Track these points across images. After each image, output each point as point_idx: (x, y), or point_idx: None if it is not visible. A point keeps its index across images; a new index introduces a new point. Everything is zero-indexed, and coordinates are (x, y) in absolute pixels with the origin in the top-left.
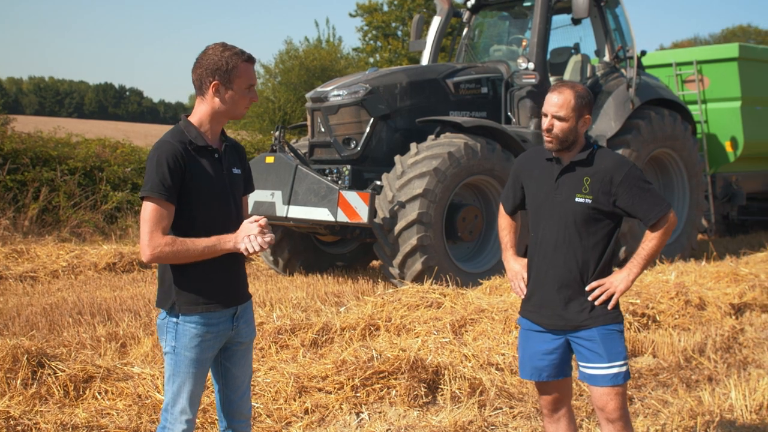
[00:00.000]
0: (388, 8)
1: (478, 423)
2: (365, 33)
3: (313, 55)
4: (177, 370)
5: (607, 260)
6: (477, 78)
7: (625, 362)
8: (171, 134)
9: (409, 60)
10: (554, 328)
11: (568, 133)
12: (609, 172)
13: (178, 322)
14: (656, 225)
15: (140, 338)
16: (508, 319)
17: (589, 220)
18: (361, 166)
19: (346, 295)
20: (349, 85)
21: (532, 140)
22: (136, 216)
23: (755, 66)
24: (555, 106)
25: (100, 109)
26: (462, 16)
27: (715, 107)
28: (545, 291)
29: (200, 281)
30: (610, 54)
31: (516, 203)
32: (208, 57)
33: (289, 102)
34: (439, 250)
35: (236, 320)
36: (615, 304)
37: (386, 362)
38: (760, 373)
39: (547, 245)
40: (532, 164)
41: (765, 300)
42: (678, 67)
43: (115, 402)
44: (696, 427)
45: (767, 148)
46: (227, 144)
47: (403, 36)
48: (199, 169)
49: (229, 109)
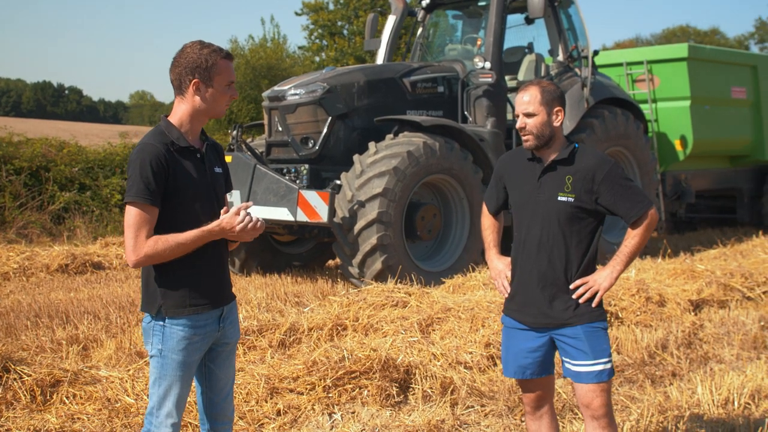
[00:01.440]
0: (334, 7)
1: (450, 422)
2: (311, 32)
3: (258, 53)
4: (164, 373)
5: (591, 258)
6: (433, 77)
7: (610, 359)
8: (152, 136)
9: (355, 59)
10: (539, 326)
11: (541, 127)
12: (591, 170)
13: (165, 325)
14: (638, 222)
15: (102, 341)
16: (474, 317)
17: (572, 218)
18: (319, 166)
19: (306, 295)
20: (306, 84)
21: (489, 139)
22: (84, 216)
23: (704, 66)
24: (524, 104)
25: (38, 108)
26: (416, 15)
27: (665, 106)
28: (530, 289)
29: (186, 283)
30: (563, 53)
31: (499, 203)
32: (186, 55)
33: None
34: (399, 249)
35: (222, 321)
36: (599, 301)
37: (357, 362)
38: (722, 368)
39: (531, 244)
40: (515, 164)
41: (722, 296)
42: (629, 67)
43: (84, 406)
44: (666, 422)
45: (715, 146)
46: (208, 143)
47: (349, 35)
48: (182, 170)
49: (209, 107)
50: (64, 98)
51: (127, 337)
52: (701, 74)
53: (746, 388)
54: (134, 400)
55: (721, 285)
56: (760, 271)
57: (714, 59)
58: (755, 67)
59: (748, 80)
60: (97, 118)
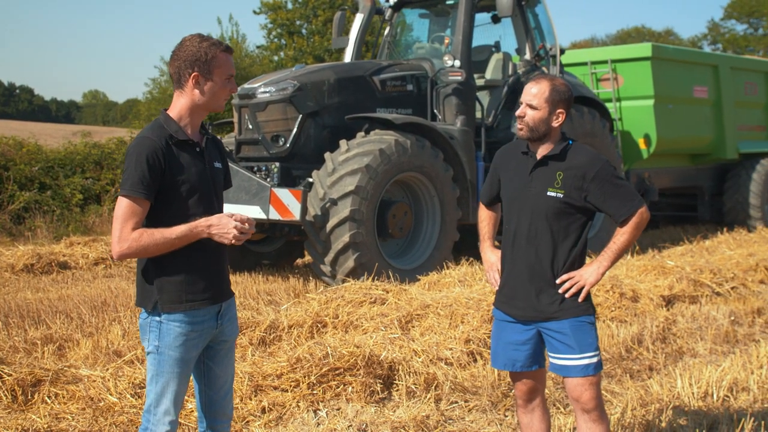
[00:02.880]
0: (293, 6)
1: (435, 417)
2: (270, 31)
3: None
4: (161, 370)
5: (578, 253)
6: (402, 75)
7: (597, 353)
8: (150, 129)
9: (314, 58)
10: (526, 318)
11: (538, 122)
12: (582, 167)
13: (162, 321)
14: (627, 221)
15: (78, 340)
16: (453, 314)
17: (560, 213)
18: (289, 164)
19: (278, 293)
20: (277, 82)
21: (459, 137)
22: (45, 216)
23: (667, 65)
24: (530, 95)
25: None
26: (384, 13)
27: (629, 105)
28: (517, 282)
29: (182, 278)
30: (531, 52)
31: (493, 195)
32: (185, 49)
33: None
34: (371, 247)
35: (220, 318)
36: (585, 296)
37: (341, 359)
38: (697, 362)
39: (519, 237)
40: (510, 157)
41: (692, 292)
42: (593, 66)
43: (68, 406)
44: (649, 415)
45: (678, 145)
46: (208, 138)
47: (308, 34)
48: (180, 164)
49: (209, 101)
50: (15, 97)
51: (103, 336)
52: (665, 73)
53: (724, 381)
54: (117, 399)
55: (691, 281)
56: (727, 267)
57: (677, 59)
58: (716, 67)
59: (710, 80)
60: (49, 118)
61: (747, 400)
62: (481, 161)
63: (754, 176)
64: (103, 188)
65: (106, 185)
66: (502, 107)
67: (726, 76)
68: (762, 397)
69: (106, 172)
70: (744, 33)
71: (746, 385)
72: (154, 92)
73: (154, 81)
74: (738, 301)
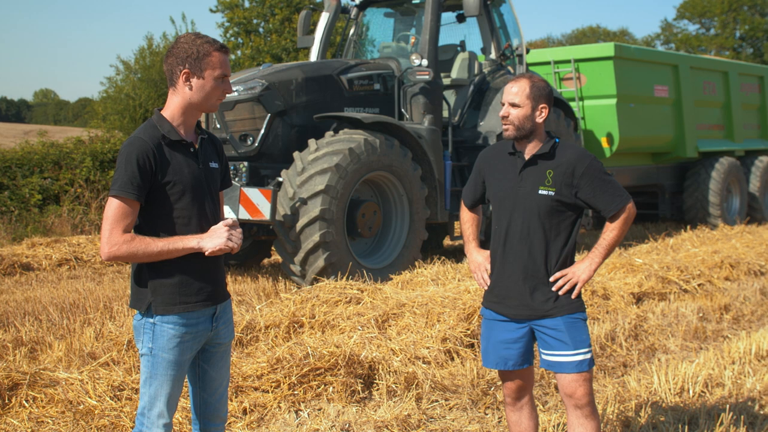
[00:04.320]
0: (250, 4)
1: (417, 416)
2: (226, 29)
3: None
4: (154, 373)
5: (570, 250)
6: (369, 74)
7: (590, 349)
8: (143, 129)
9: (271, 57)
10: (519, 317)
11: (523, 119)
12: (571, 164)
13: (155, 323)
14: (616, 216)
15: (50, 343)
16: (429, 313)
17: (552, 211)
18: (257, 163)
19: (248, 293)
20: (245, 81)
21: (427, 136)
22: (2, 217)
23: (630, 65)
24: (511, 94)
25: None
26: (349, 12)
27: (591, 104)
28: (510, 281)
29: (177, 280)
30: (496, 52)
31: (476, 197)
32: (179, 46)
33: (150, 99)
34: (341, 246)
35: (216, 321)
36: (578, 293)
37: (322, 359)
38: (669, 358)
39: (512, 236)
40: (495, 158)
41: (661, 289)
42: (556, 65)
43: (47, 409)
44: (627, 411)
45: (640, 143)
46: (203, 137)
47: (265, 33)
48: (172, 164)
49: (200, 99)
50: None
51: (76, 338)
52: (627, 73)
53: (700, 377)
54: (97, 401)
55: (660, 278)
56: (693, 264)
57: (638, 58)
58: (676, 67)
59: (670, 79)
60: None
61: (722, 395)
62: (449, 160)
63: (713, 174)
64: (62, 188)
65: (65, 185)
66: (468, 106)
67: (686, 76)
68: (736, 392)
69: (65, 172)
70: (696, 33)
71: (720, 380)
72: (110, 91)
73: (110, 80)
74: (705, 298)
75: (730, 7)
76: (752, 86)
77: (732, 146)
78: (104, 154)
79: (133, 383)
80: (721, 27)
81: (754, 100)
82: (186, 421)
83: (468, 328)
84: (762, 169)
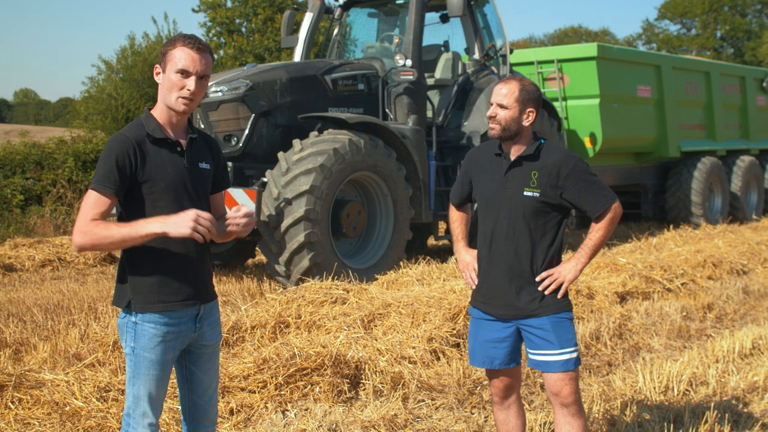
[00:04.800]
0: (232, 4)
1: (404, 416)
2: (209, 29)
3: (156, 50)
4: (137, 372)
5: (556, 250)
6: (353, 75)
7: (576, 348)
8: (129, 127)
9: (254, 56)
10: (505, 317)
11: (510, 121)
12: (556, 165)
13: (137, 322)
14: (601, 216)
15: (35, 344)
16: (415, 313)
17: (537, 212)
18: (242, 163)
19: (233, 294)
20: (229, 81)
21: (411, 136)
22: None
23: (612, 65)
24: (500, 95)
25: None
26: (333, 12)
27: (575, 104)
28: (497, 281)
29: (157, 278)
30: (480, 52)
31: (464, 196)
32: (163, 44)
33: (132, 99)
34: (326, 246)
35: (199, 321)
36: (564, 293)
37: (308, 359)
38: (653, 357)
39: (497, 237)
40: (482, 158)
41: (645, 288)
42: (539, 65)
43: (33, 411)
44: (614, 410)
45: (623, 143)
46: (194, 137)
47: (248, 32)
48: (155, 162)
49: (163, 95)
50: None
51: (61, 339)
52: (610, 73)
53: (684, 376)
54: (84, 403)
55: (643, 277)
56: (676, 263)
57: (621, 59)
58: (659, 67)
59: (653, 79)
60: None
61: (707, 394)
62: (433, 160)
63: (695, 174)
64: (44, 188)
65: (48, 185)
66: (452, 106)
67: (668, 76)
68: (720, 391)
69: (47, 173)
70: (677, 33)
71: (705, 379)
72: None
73: (92, 80)
74: (688, 297)
75: (711, 8)
76: (733, 86)
77: (714, 146)
78: (87, 155)
79: (119, 384)
80: (702, 27)
81: (736, 100)
82: (173, 422)
83: (454, 328)
84: (743, 169)
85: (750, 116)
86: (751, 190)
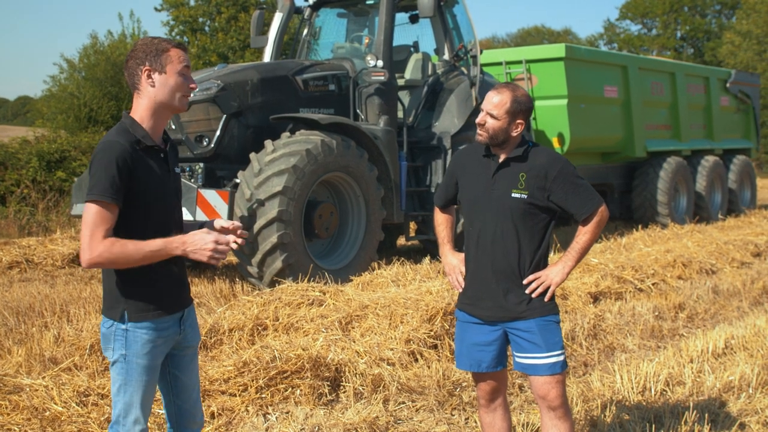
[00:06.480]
0: (195, 3)
1: (385, 418)
2: (172, 28)
3: (119, 49)
4: (129, 379)
5: (543, 253)
6: (324, 75)
7: (563, 351)
8: (117, 133)
9: (217, 56)
10: (493, 319)
11: (498, 131)
12: (543, 168)
13: (128, 329)
14: (588, 219)
15: (9, 348)
16: (392, 314)
17: (525, 214)
18: (214, 164)
19: (206, 296)
20: (200, 82)
21: (383, 137)
22: None
23: (580, 66)
24: (491, 104)
25: None
26: (303, 12)
27: (543, 105)
28: (483, 284)
29: (149, 288)
30: (449, 53)
31: (448, 197)
32: (137, 48)
33: (95, 98)
34: (298, 247)
35: (183, 323)
36: (551, 296)
37: (288, 362)
38: (628, 357)
39: (485, 239)
40: (469, 160)
41: (617, 288)
42: (508, 66)
43: (12, 416)
44: (594, 410)
45: (590, 143)
46: (170, 143)
47: (211, 31)
48: (146, 170)
49: (165, 97)
50: None
51: (35, 343)
52: (577, 74)
53: (661, 376)
54: (63, 408)
55: (615, 277)
56: (647, 263)
57: (589, 59)
58: (625, 68)
59: (619, 80)
60: None
61: (683, 393)
62: (404, 161)
63: (661, 174)
64: (7, 189)
65: (11, 186)
66: (422, 107)
67: (635, 77)
68: (696, 390)
69: (11, 173)
70: (638, 33)
71: (681, 379)
72: (54, 90)
73: (53, 78)
74: (660, 297)
75: (671, 8)
76: (698, 87)
77: (679, 146)
78: (51, 155)
79: (98, 389)
80: (663, 27)
81: (700, 100)
82: (155, 427)
83: (431, 330)
84: (708, 169)
85: (714, 116)
86: (715, 189)
